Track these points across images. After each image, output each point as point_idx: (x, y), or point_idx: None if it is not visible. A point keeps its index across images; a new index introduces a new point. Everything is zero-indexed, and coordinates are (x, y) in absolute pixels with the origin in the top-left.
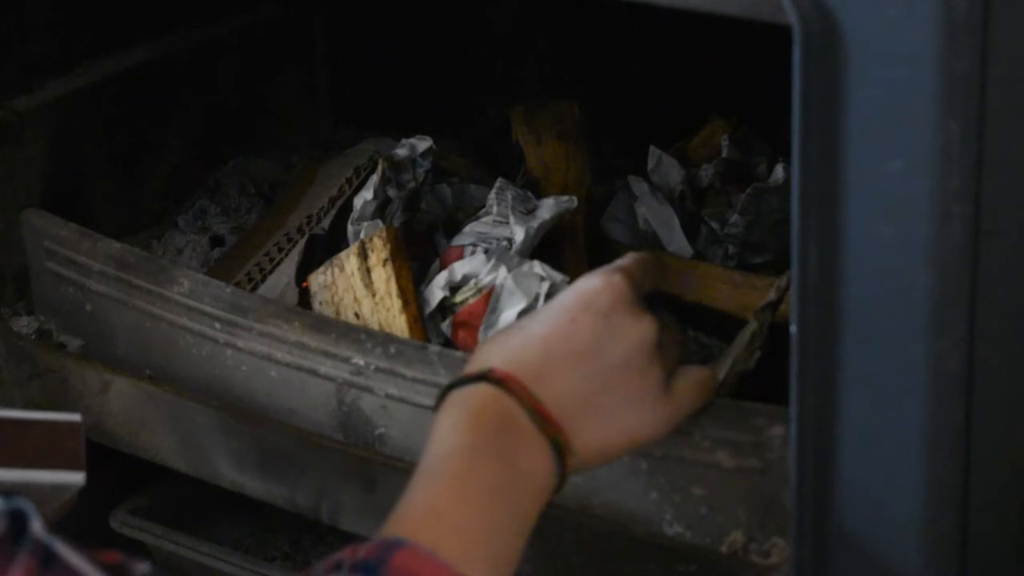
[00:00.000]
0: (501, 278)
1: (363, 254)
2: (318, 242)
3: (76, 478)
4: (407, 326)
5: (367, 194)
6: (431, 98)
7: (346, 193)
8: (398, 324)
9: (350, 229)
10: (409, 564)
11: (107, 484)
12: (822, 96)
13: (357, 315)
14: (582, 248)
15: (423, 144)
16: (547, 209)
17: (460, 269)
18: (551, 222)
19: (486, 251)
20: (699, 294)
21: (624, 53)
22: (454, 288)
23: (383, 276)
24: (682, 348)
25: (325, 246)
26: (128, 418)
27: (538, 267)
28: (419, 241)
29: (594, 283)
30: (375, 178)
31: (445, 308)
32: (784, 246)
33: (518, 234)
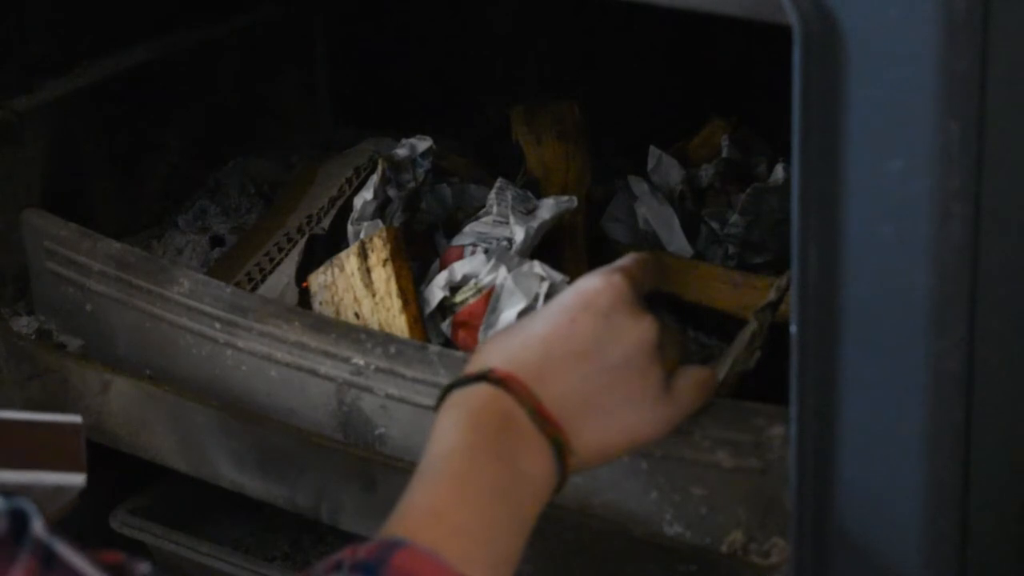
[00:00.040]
0: (501, 278)
1: (363, 254)
2: (318, 242)
3: (77, 480)
4: (407, 326)
5: (367, 194)
6: (431, 98)
7: (346, 193)
8: (398, 324)
9: (350, 229)
10: (409, 564)
11: (107, 484)
12: (822, 96)
13: (357, 315)
14: (582, 248)
15: (423, 144)
16: (547, 209)
17: (460, 269)
18: (551, 222)
19: (486, 251)
20: (699, 294)
21: (624, 53)
22: (454, 288)
23: (383, 276)
24: (682, 348)
25: (325, 246)
26: (128, 418)
27: (538, 267)
28: (419, 241)
29: (594, 283)
30: (375, 178)
31: (445, 308)
32: (784, 246)
33: (518, 234)
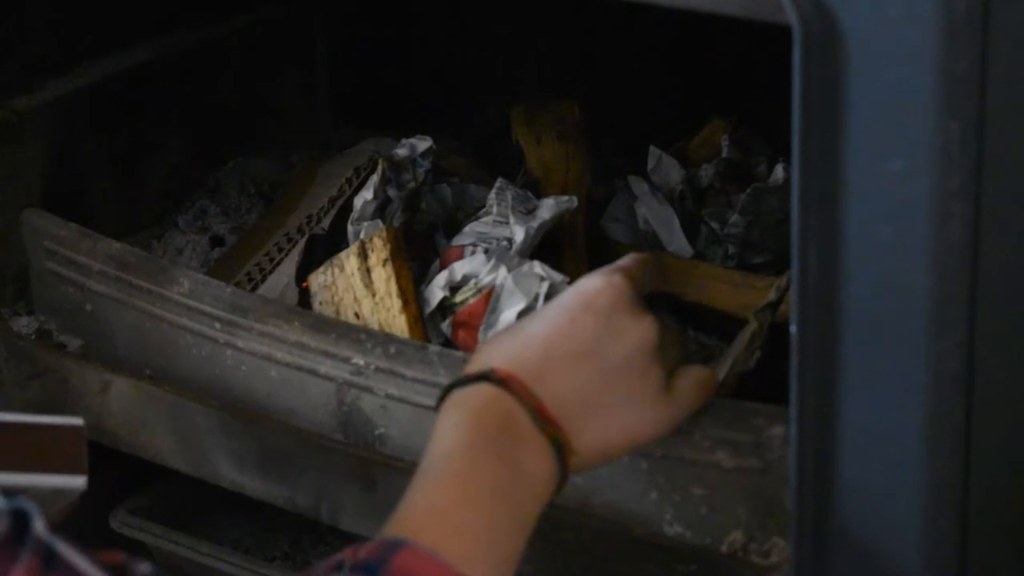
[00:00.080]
0: (501, 278)
1: (363, 254)
2: (318, 242)
3: (78, 482)
4: (407, 326)
5: (367, 194)
6: (431, 98)
7: (346, 193)
8: (398, 324)
9: (350, 229)
10: (410, 564)
11: (107, 484)
12: (822, 96)
13: (357, 315)
14: (582, 248)
15: (423, 144)
16: (547, 209)
17: (460, 269)
18: (551, 222)
19: (486, 251)
20: (699, 294)
21: (624, 53)
22: (454, 288)
23: (383, 276)
24: (683, 348)
25: (325, 246)
26: (128, 418)
27: (538, 267)
28: (419, 241)
29: (595, 283)
30: (375, 178)
31: (445, 308)
32: (784, 246)
33: (518, 234)
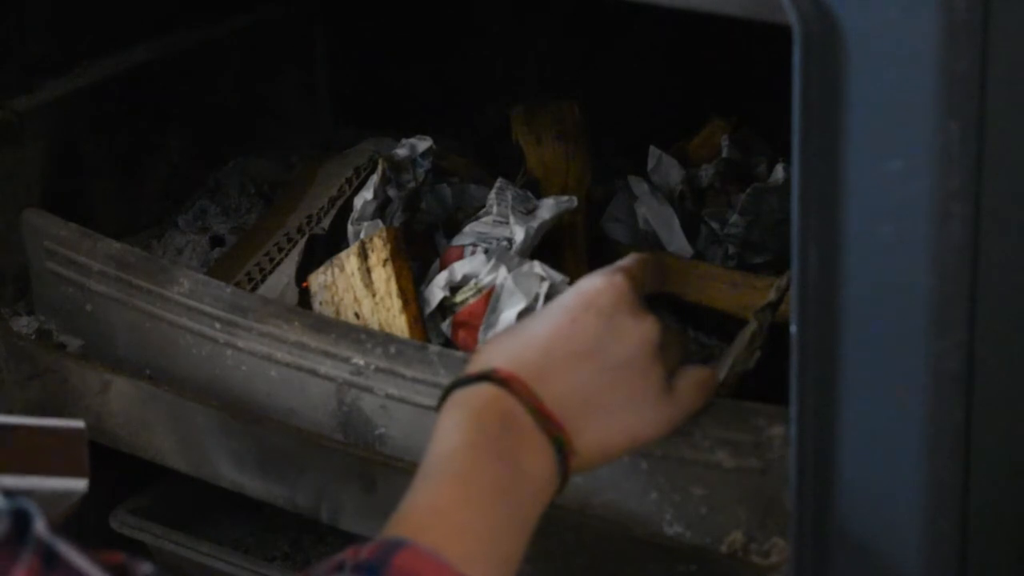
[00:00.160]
0: (501, 278)
1: (363, 254)
2: (318, 242)
3: (79, 485)
4: (407, 326)
5: (367, 194)
6: (431, 98)
7: (346, 193)
8: (398, 324)
9: (350, 229)
10: (411, 564)
11: (107, 484)
12: (822, 96)
13: (357, 315)
14: (582, 248)
15: (423, 144)
16: (547, 209)
17: (460, 269)
18: (551, 222)
19: (486, 251)
20: (699, 294)
21: (624, 53)
22: (454, 288)
23: (383, 276)
24: (683, 348)
25: (325, 246)
26: (128, 418)
27: (538, 267)
28: (419, 241)
29: (595, 283)
30: (375, 178)
31: (445, 308)
32: (784, 246)
33: (518, 234)
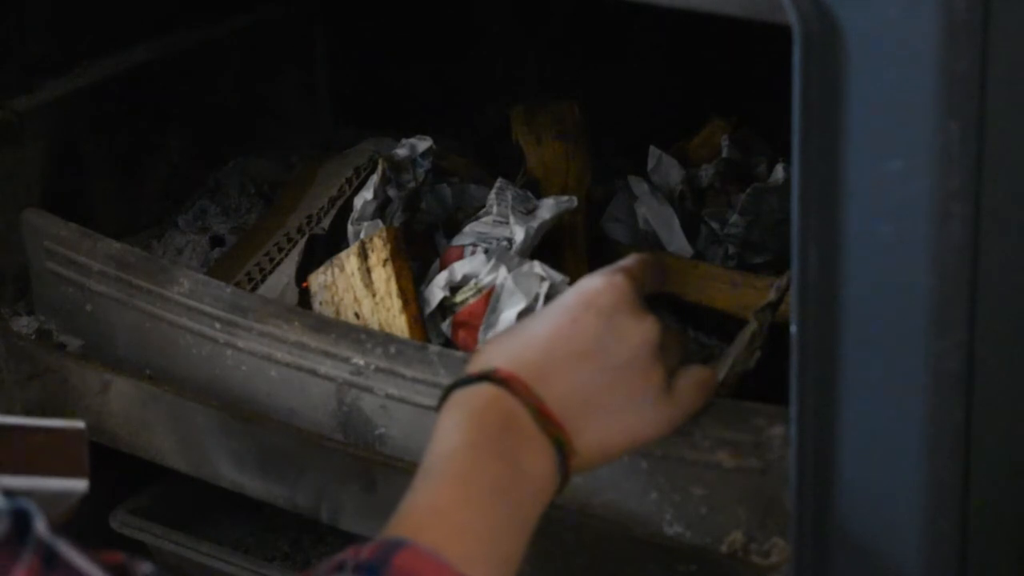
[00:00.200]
0: (501, 278)
1: (363, 254)
2: (318, 242)
3: (79, 485)
4: (407, 326)
5: (367, 194)
6: (431, 98)
7: (346, 193)
8: (398, 324)
9: (350, 229)
10: (411, 564)
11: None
12: (822, 96)
13: (357, 315)
14: (582, 248)
15: (423, 144)
16: (547, 209)
17: (460, 269)
18: (551, 222)
19: (486, 251)
20: (699, 294)
21: (624, 53)
22: (454, 288)
23: (383, 276)
24: (683, 348)
25: (325, 246)
26: (128, 418)
27: (538, 267)
28: (419, 241)
29: (596, 283)
30: (375, 178)
31: (445, 308)
32: (784, 246)
33: (518, 234)
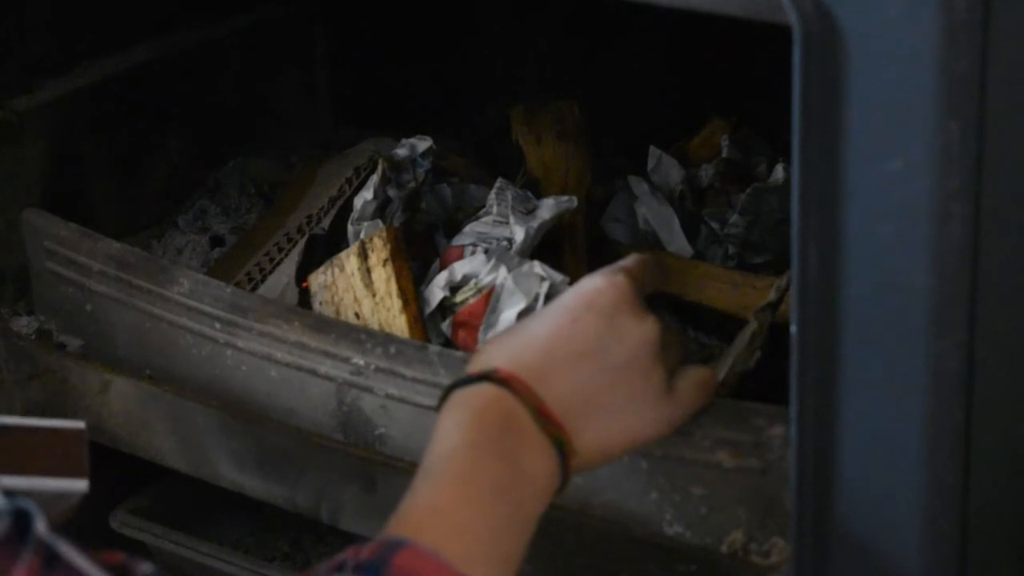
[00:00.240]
0: (501, 278)
1: (363, 254)
2: (318, 242)
3: (79, 485)
4: (407, 326)
5: (367, 194)
6: (431, 98)
7: (346, 193)
8: (398, 324)
9: (350, 229)
10: (411, 564)
11: (107, 484)
12: (822, 96)
13: (357, 315)
14: (582, 248)
15: (423, 144)
16: (547, 209)
17: (460, 269)
18: (551, 222)
19: (486, 251)
20: (699, 294)
21: (624, 53)
22: (454, 288)
23: (383, 276)
24: (684, 348)
25: (325, 246)
26: (128, 418)
27: (538, 267)
28: (419, 241)
29: (596, 283)
30: (375, 178)
31: (445, 308)
32: (784, 246)
33: (518, 234)
